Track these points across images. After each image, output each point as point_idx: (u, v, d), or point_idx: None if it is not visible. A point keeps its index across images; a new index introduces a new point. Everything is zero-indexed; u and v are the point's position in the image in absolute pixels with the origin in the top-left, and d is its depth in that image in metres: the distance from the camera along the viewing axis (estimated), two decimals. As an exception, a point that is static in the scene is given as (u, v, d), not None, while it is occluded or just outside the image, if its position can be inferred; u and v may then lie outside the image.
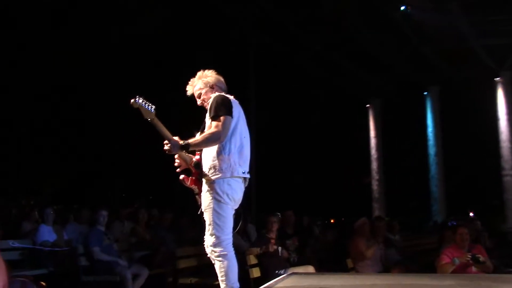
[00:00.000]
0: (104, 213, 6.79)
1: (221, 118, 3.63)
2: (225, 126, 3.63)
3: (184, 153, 3.81)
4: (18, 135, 15.09)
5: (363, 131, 18.14)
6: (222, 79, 4.02)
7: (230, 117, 3.67)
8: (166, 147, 3.65)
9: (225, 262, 3.64)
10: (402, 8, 11.69)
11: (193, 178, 3.84)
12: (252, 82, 13.57)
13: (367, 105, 18.25)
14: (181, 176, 3.86)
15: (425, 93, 17.25)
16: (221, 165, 3.65)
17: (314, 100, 18.86)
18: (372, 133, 17.96)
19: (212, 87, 3.92)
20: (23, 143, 15.07)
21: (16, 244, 6.63)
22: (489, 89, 15.36)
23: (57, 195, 17.26)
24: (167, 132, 3.65)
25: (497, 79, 15.28)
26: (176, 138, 3.68)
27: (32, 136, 15.15)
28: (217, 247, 3.65)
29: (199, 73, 4.01)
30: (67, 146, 16.74)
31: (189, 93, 4.03)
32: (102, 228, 6.78)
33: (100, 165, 18.22)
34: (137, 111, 3.51)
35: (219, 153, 3.67)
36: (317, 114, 19.48)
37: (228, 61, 12.70)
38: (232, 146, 3.69)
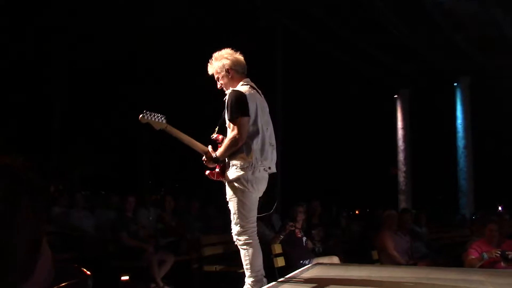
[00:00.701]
0: (131, 199, 6.88)
1: (237, 120, 3.62)
2: (241, 128, 3.61)
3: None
4: (47, 122, 15.36)
5: (391, 122, 17.90)
6: (239, 58, 3.94)
7: (246, 118, 3.64)
8: (205, 163, 3.82)
9: (250, 250, 3.65)
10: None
11: (218, 172, 3.84)
12: (279, 70, 13.47)
13: (395, 96, 17.98)
14: (207, 172, 3.88)
15: (455, 83, 16.89)
16: (242, 163, 3.65)
17: (342, 89, 18.66)
18: (400, 124, 17.69)
19: (228, 71, 3.86)
20: (53, 129, 15.33)
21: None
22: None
23: (85, 181, 17.54)
24: (186, 138, 3.76)
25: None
26: (200, 144, 3.81)
27: (61, 122, 15.39)
28: (242, 235, 3.67)
29: (216, 54, 3.93)
30: (95, 133, 16.97)
31: (210, 73, 3.97)
32: (130, 214, 6.87)
33: (127, 152, 18.43)
34: (148, 126, 3.62)
35: (240, 152, 3.67)
36: (345, 104, 19.29)
37: (254, 49, 12.60)
38: (253, 144, 3.66)
